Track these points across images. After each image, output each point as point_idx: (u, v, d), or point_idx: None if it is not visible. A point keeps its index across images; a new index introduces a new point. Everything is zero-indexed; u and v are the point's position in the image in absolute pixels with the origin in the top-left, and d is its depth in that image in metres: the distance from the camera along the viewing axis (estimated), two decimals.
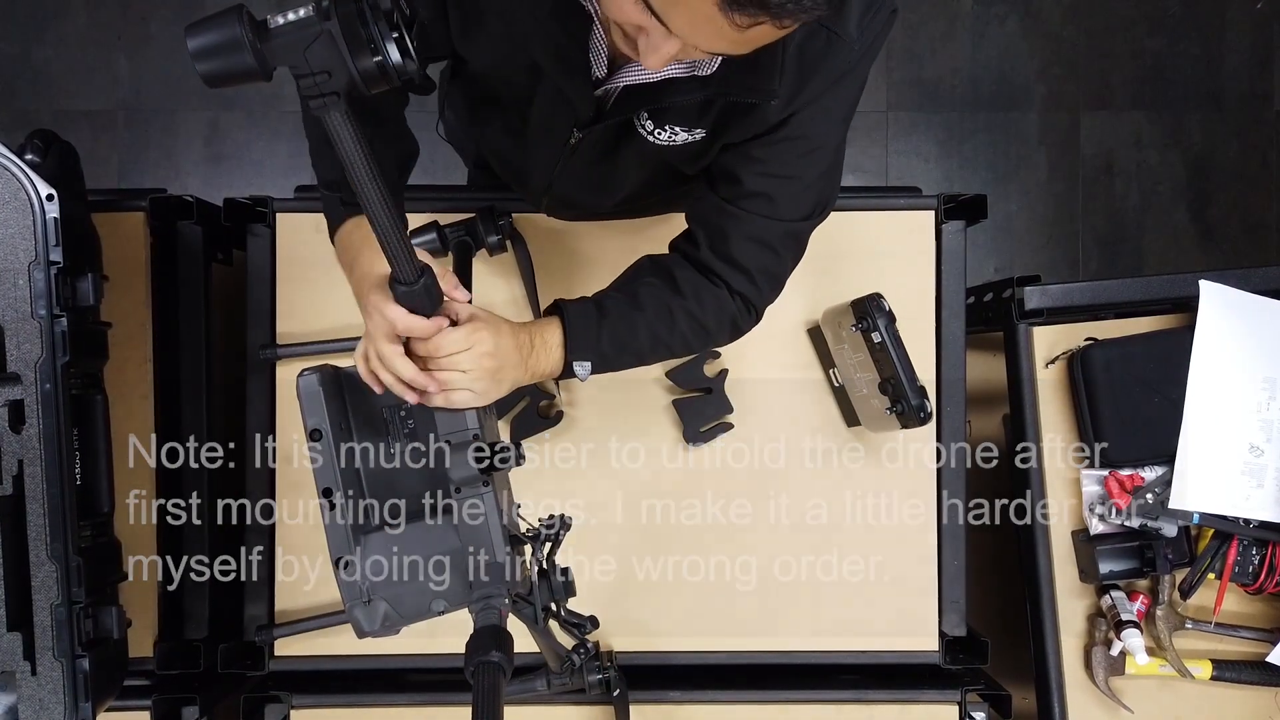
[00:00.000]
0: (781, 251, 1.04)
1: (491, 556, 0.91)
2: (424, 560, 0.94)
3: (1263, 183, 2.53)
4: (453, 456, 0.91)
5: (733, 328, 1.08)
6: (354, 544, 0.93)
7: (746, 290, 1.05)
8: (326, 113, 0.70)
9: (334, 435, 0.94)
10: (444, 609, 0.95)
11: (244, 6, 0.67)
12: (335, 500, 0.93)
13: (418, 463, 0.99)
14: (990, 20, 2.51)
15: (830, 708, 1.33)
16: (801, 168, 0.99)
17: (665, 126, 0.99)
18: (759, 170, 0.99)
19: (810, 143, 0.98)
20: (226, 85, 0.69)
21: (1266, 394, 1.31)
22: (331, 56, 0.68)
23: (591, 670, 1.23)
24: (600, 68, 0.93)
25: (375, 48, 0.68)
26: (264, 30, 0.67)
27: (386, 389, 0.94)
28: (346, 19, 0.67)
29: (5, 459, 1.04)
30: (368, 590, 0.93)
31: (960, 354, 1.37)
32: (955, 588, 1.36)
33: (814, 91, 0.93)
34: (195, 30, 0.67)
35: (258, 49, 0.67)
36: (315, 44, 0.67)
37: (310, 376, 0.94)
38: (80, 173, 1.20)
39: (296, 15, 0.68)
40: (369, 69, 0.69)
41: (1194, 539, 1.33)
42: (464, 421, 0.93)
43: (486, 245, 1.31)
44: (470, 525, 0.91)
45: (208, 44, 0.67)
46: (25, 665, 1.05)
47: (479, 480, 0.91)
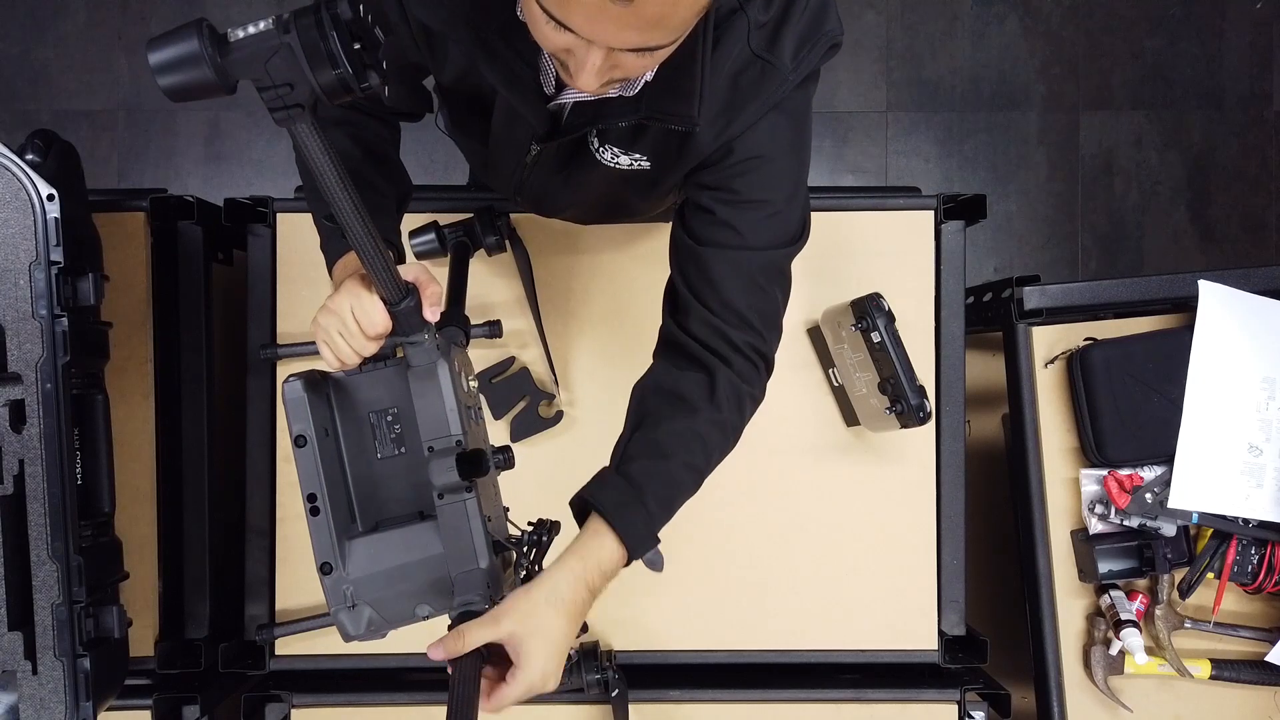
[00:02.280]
0: (766, 286, 1.00)
1: (474, 563, 0.91)
2: (408, 566, 0.94)
3: (1263, 183, 2.53)
4: (435, 463, 0.90)
5: (751, 402, 1.02)
6: (338, 549, 0.93)
7: (751, 341, 0.99)
8: (292, 124, 0.71)
9: (319, 441, 0.94)
10: (428, 614, 0.95)
11: (204, 20, 0.67)
12: (319, 506, 0.93)
13: (404, 468, 0.98)
14: (990, 20, 2.51)
15: (830, 707, 1.33)
16: (765, 190, 0.97)
17: (607, 146, 1.00)
18: (724, 199, 0.97)
19: (762, 166, 0.96)
20: (189, 99, 0.69)
21: (1266, 394, 1.31)
22: (292, 69, 0.68)
23: (590, 670, 1.23)
24: (549, 85, 0.94)
25: (335, 60, 0.68)
26: (224, 44, 0.67)
27: None
28: (306, 31, 0.67)
29: (6, 458, 1.04)
30: (351, 595, 0.93)
31: (959, 354, 1.37)
32: (954, 587, 1.37)
33: (749, 118, 0.93)
34: (155, 45, 0.66)
35: (218, 63, 0.66)
36: (275, 57, 0.67)
37: (295, 382, 0.94)
38: (81, 173, 1.20)
39: (256, 28, 0.67)
40: (329, 81, 0.68)
41: (1193, 538, 1.33)
42: (447, 427, 0.93)
43: (485, 245, 1.31)
44: (452, 531, 0.91)
45: (167, 59, 0.66)
46: (26, 664, 1.05)
47: (461, 487, 0.90)
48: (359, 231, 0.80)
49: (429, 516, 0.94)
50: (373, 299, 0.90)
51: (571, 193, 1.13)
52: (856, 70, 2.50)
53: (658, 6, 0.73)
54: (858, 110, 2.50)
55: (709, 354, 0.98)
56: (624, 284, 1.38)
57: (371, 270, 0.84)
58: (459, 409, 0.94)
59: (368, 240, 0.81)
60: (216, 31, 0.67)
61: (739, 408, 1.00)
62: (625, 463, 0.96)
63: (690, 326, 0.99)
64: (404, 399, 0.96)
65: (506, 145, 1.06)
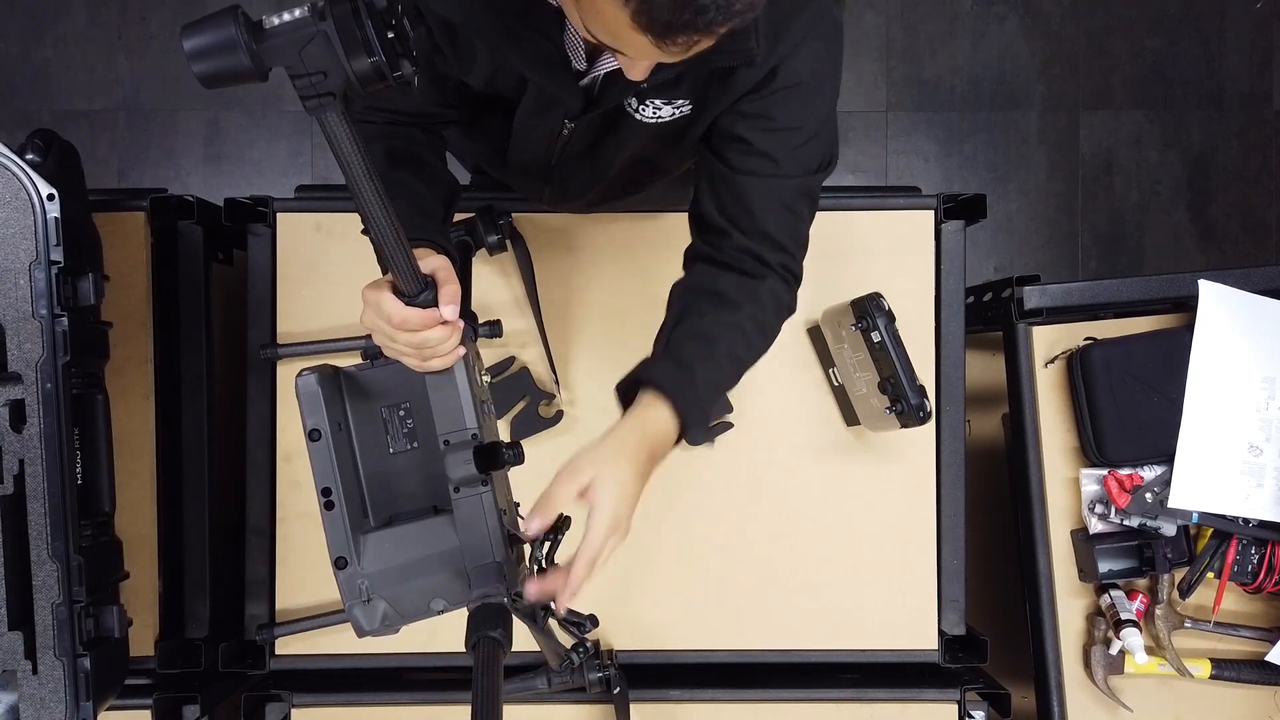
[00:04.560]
0: (799, 209, 1.04)
1: (490, 556, 0.91)
2: (423, 560, 0.93)
3: (1263, 183, 2.53)
4: (451, 456, 0.90)
5: (787, 310, 1.08)
6: (353, 543, 0.93)
7: (784, 261, 1.04)
8: (323, 113, 0.71)
9: (332, 435, 0.94)
10: (443, 608, 0.95)
11: (239, 7, 0.68)
12: (334, 500, 0.93)
13: (417, 462, 0.98)
14: (990, 20, 2.51)
15: (830, 706, 1.33)
16: (801, 117, 0.99)
17: (648, 102, 0.99)
18: (762, 127, 0.98)
19: (805, 90, 0.97)
20: (222, 85, 0.69)
21: (1266, 393, 1.31)
22: (327, 57, 0.68)
23: (592, 669, 1.23)
24: (579, 61, 0.94)
25: (370, 48, 0.68)
26: (259, 31, 0.67)
27: None
28: (342, 19, 0.67)
29: (6, 458, 1.04)
30: (366, 590, 0.93)
31: (960, 353, 1.37)
32: (954, 586, 1.37)
33: (794, 39, 0.94)
34: (190, 31, 0.67)
35: (253, 49, 0.67)
36: (310, 44, 0.68)
37: (309, 376, 0.94)
38: (81, 172, 1.20)
39: (292, 16, 0.68)
40: (364, 69, 0.69)
41: (1193, 538, 1.33)
42: (463, 420, 0.93)
43: (487, 245, 1.31)
44: (469, 525, 0.91)
45: (203, 45, 0.67)
46: (26, 664, 1.05)
47: (478, 480, 0.90)
48: (381, 221, 0.79)
49: (443, 510, 0.94)
50: (387, 294, 0.89)
51: (601, 167, 1.13)
52: (856, 70, 2.50)
53: (706, 41, 0.75)
54: (858, 110, 2.50)
55: (744, 272, 1.02)
56: (625, 283, 1.38)
57: (390, 260, 0.83)
58: (474, 402, 0.94)
59: (389, 231, 0.80)
60: (252, 19, 0.68)
61: (776, 313, 1.05)
62: (673, 348, 0.99)
63: (724, 249, 1.03)
64: (417, 393, 0.96)
65: (537, 132, 1.06)
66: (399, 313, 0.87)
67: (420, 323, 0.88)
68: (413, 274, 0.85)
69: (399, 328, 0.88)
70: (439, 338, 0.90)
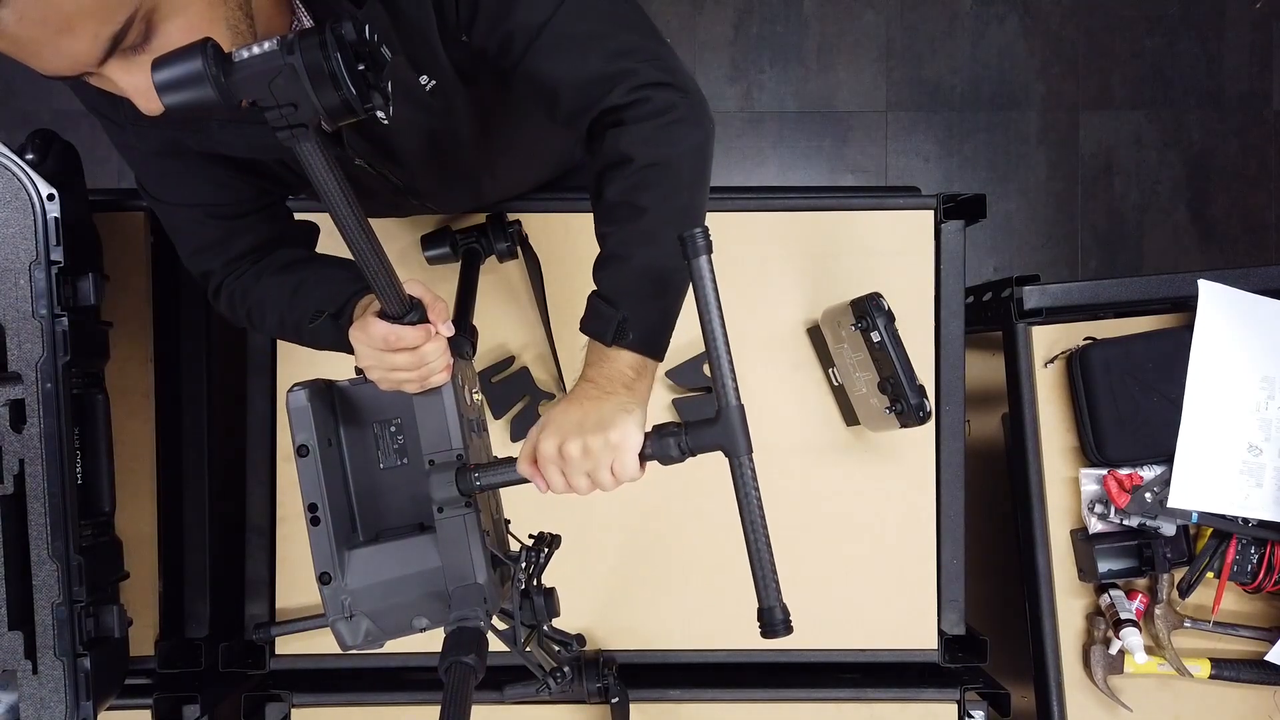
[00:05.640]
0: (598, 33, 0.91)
1: (471, 578, 0.91)
2: (406, 578, 0.94)
3: (1263, 183, 2.53)
4: (435, 477, 0.90)
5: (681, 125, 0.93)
6: (337, 559, 0.93)
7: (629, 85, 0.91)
8: (296, 143, 0.71)
9: (322, 451, 0.94)
10: (425, 626, 0.95)
11: (209, 40, 0.67)
12: (320, 516, 0.93)
13: (406, 479, 0.98)
14: (990, 20, 2.51)
15: (830, 706, 1.33)
16: None
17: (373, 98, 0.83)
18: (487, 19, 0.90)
19: None
20: (191, 116, 0.70)
21: (1265, 393, 1.31)
22: (295, 90, 0.68)
23: (590, 679, 1.24)
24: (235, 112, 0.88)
25: (338, 82, 0.68)
26: (228, 63, 0.68)
27: None
28: (309, 52, 0.67)
29: (6, 458, 1.04)
30: (349, 606, 0.93)
31: (959, 353, 1.37)
32: (954, 586, 1.37)
33: None
34: (160, 64, 0.67)
35: (221, 83, 0.67)
36: (279, 78, 0.67)
37: (299, 392, 0.94)
38: (81, 172, 1.21)
39: (261, 49, 0.68)
40: (333, 103, 0.69)
41: (1193, 538, 1.33)
42: (449, 441, 0.93)
43: (496, 251, 1.31)
44: (451, 545, 0.91)
45: (171, 78, 0.67)
46: (26, 664, 1.05)
47: (460, 501, 0.90)
48: (362, 244, 0.79)
49: (429, 528, 0.94)
50: (374, 319, 0.88)
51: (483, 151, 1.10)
52: (856, 70, 2.50)
53: None
54: (857, 110, 2.50)
55: (604, 132, 0.93)
56: None
57: (374, 284, 0.83)
58: (460, 422, 0.94)
59: (371, 255, 0.80)
60: (221, 51, 0.68)
61: (662, 143, 0.92)
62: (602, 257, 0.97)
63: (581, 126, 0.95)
64: (407, 409, 0.96)
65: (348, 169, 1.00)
66: (393, 331, 0.88)
67: (415, 339, 0.88)
68: (398, 295, 0.86)
69: (395, 346, 0.88)
70: (436, 351, 0.90)
